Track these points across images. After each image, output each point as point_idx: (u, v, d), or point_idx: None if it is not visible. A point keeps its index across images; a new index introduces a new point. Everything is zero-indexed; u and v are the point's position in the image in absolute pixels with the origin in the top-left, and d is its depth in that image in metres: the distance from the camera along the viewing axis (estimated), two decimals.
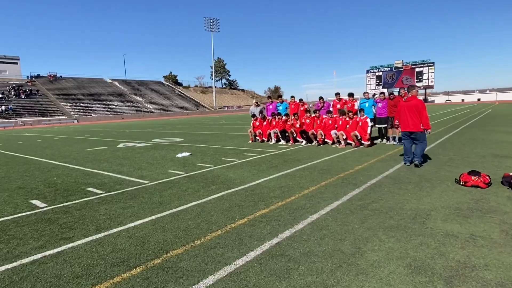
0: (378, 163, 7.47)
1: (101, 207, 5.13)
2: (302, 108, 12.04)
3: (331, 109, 11.51)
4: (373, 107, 10.90)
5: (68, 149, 12.86)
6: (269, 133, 11.95)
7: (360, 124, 10.04)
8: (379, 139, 10.95)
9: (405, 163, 6.94)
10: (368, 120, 9.90)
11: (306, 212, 4.45)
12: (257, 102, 13.24)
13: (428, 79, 67.84)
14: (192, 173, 7.20)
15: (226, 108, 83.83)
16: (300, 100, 12.18)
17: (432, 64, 67.84)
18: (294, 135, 11.47)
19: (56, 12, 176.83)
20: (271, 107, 12.74)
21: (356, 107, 10.95)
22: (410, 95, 7.00)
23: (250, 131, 12.52)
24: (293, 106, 12.23)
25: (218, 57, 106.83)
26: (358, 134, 9.94)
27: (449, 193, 5.04)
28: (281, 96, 12.63)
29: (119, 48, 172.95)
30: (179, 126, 27.07)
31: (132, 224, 4.32)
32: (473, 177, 5.20)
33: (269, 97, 13.24)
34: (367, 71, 76.55)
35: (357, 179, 6.08)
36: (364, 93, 11.14)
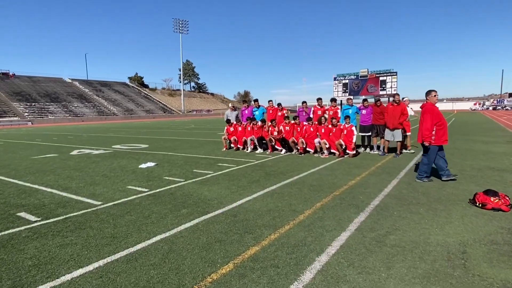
0: (371, 177, 6.70)
1: (30, 244, 3.74)
2: (280, 114, 11.10)
3: (311, 115, 10.70)
4: (356, 114, 10.24)
5: (9, 157, 10.91)
6: (245, 140, 10.94)
7: (345, 133, 9.30)
8: (362, 148, 10.30)
9: (442, 179, 6.09)
10: (354, 128, 9.18)
11: (310, 251, 3.40)
12: (233, 106, 12.20)
13: (391, 87, 70.27)
14: (157, 190, 5.97)
15: (195, 112, 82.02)
16: (279, 104, 11.28)
17: (395, 74, 70.15)
18: (273, 143, 10.54)
19: (14, 6, 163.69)
20: (246, 112, 11.70)
21: (339, 115, 10.22)
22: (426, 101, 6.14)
23: (224, 138, 11.48)
24: (271, 111, 11.28)
25: (187, 59, 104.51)
26: (343, 143, 9.20)
27: (470, 218, 4.25)
28: (257, 100, 11.63)
29: (80, 46, 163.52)
30: (144, 130, 25.43)
31: (69, 277, 3.01)
32: (492, 198, 4.46)
33: (244, 101, 12.17)
34: (334, 79, 77.89)
35: (356, 198, 5.18)
36: (348, 99, 10.45)
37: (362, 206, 4.79)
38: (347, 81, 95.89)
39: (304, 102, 11.00)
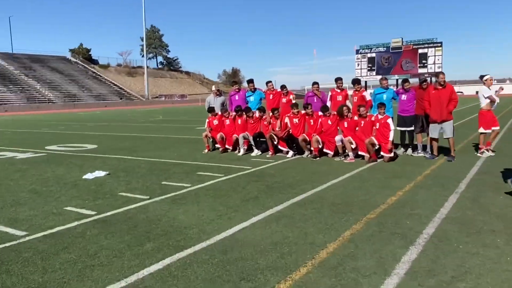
0: (419, 191, 6.48)
1: None
2: (285, 100, 10.86)
3: (328, 103, 10.48)
4: (393, 100, 10.05)
5: None
6: (236, 139, 10.69)
7: (378, 127, 9.08)
8: (402, 149, 10.11)
9: None
10: (391, 121, 8.95)
11: None
12: (218, 90, 11.93)
13: (434, 63, 70.79)
14: (109, 213, 5.69)
15: (163, 98, 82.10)
16: (283, 87, 10.99)
17: (439, 45, 70.97)
18: (275, 142, 10.31)
19: None
20: (237, 97, 11.45)
21: (368, 98, 10.05)
22: None
23: (206, 135, 11.25)
24: (271, 97, 11.02)
25: (152, 24, 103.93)
26: (375, 141, 8.99)
27: None
28: (252, 82, 11.34)
29: (1, 6, 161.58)
30: (92, 125, 25.12)
31: None
32: None
33: (234, 83, 11.89)
34: (357, 52, 78.36)
35: (400, 224, 4.92)
36: (382, 79, 10.23)
37: (411, 236, 4.52)
38: (373, 54, 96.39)
39: (315, 83, 10.75)
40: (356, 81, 10.35)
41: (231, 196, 6.45)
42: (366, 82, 70.51)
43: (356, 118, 9.48)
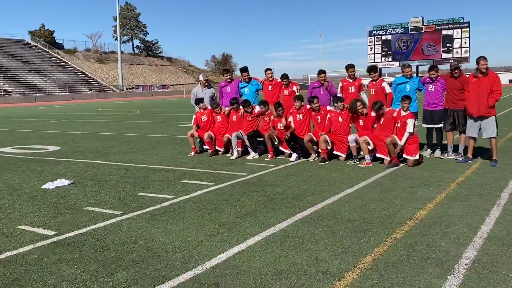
0: (452, 204, 6.32)
1: None
2: (287, 92, 10.68)
3: (339, 94, 10.30)
4: (416, 91, 9.91)
5: None
6: (229, 139, 10.57)
7: (400, 125, 8.91)
8: (428, 150, 9.96)
9: None
10: (411, 122, 8.76)
11: None
12: (206, 81, 11.68)
13: (461, 47, 71.06)
14: (73, 233, 5.48)
15: (141, 89, 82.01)
16: (284, 77, 10.78)
17: (466, 25, 71.23)
18: (276, 143, 10.12)
19: None
20: (229, 89, 11.27)
21: (388, 90, 9.85)
22: None
23: (192, 134, 11.06)
24: (270, 89, 10.83)
25: (127, 2, 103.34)
26: (398, 141, 8.83)
27: None
28: (246, 70, 11.11)
29: None
30: (55, 121, 24.89)
31: None
32: None
33: (225, 71, 11.68)
34: (370, 33, 78.59)
35: (434, 246, 4.73)
36: (404, 67, 10.04)
37: (448, 262, 4.32)
38: (389, 36, 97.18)
39: (322, 72, 10.55)
40: (372, 69, 10.17)
41: (223, 210, 6.24)
42: (381, 69, 70.58)
43: (373, 114, 9.28)
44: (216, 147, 10.94)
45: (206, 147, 11.12)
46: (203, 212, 6.20)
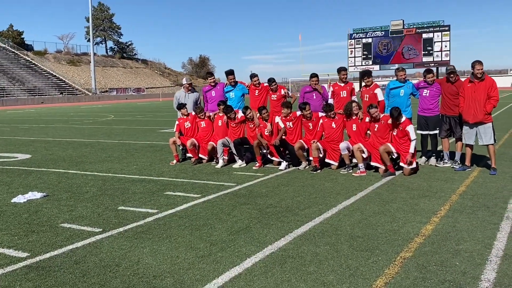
0: (459, 217, 6.12)
1: None
2: (275, 97, 10.39)
3: (330, 100, 10.07)
4: (410, 97, 9.72)
5: None
6: (213, 147, 10.27)
7: (395, 133, 8.69)
8: (423, 158, 9.80)
9: None
10: (411, 129, 8.54)
11: None
12: (190, 84, 11.34)
13: (441, 51, 72.00)
14: (47, 254, 5.05)
15: (115, 92, 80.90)
16: (271, 81, 10.46)
17: (447, 28, 72.22)
18: (264, 151, 9.92)
19: None
20: (213, 93, 10.93)
21: (380, 98, 9.63)
22: None
23: (175, 141, 10.66)
24: (257, 93, 10.54)
25: (100, 2, 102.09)
26: (393, 149, 8.60)
27: None
28: (232, 73, 10.76)
29: None
30: (25, 127, 24.14)
31: None
32: None
33: (208, 75, 11.30)
34: (350, 36, 79.05)
35: (448, 265, 4.48)
36: (398, 71, 9.83)
37: (468, 285, 4.03)
38: (369, 40, 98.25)
39: (314, 75, 10.27)
40: (366, 74, 9.95)
41: (213, 226, 5.88)
42: (361, 73, 71.23)
43: (367, 119, 9.04)
44: (200, 155, 10.58)
45: (189, 155, 10.73)
46: (191, 228, 5.82)
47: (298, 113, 9.68)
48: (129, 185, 8.46)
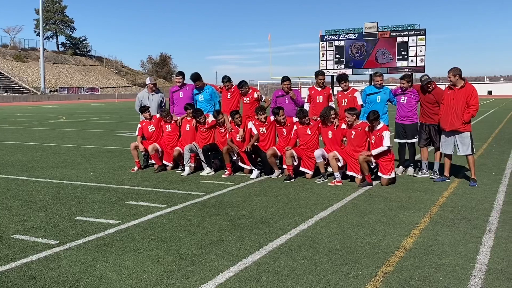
0: (439, 228, 6.28)
1: None
2: (247, 100, 10.42)
3: (306, 105, 10.20)
4: (387, 103, 9.93)
5: None
6: (180, 153, 10.24)
7: (373, 141, 8.86)
8: (401, 168, 9.99)
9: None
10: (387, 134, 8.72)
11: None
12: (154, 85, 11.22)
13: (416, 56, 73.72)
14: (0, 268, 4.90)
15: (66, 91, 79.28)
16: (242, 84, 10.44)
17: (422, 33, 74.02)
18: (235, 158, 9.95)
19: None
20: (181, 94, 10.88)
21: (360, 102, 9.79)
22: None
23: (136, 146, 10.58)
24: (229, 96, 10.53)
25: None
26: (371, 158, 8.75)
27: None
28: (199, 79, 10.63)
29: None
30: None
31: None
32: None
33: (179, 74, 11.19)
34: (322, 38, 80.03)
35: (432, 280, 4.61)
36: (375, 76, 10.02)
37: None
38: (342, 42, 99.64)
39: (285, 79, 10.33)
40: (343, 78, 10.07)
41: (182, 239, 5.85)
42: (332, 77, 72.07)
43: (344, 126, 9.18)
44: (164, 162, 10.47)
45: (152, 161, 10.61)
46: (157, 241, 5.77)
47: (272, 118, 9.74)
48: (87, 194, 8.32)
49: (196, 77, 10.66)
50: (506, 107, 41.03)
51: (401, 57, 75.30)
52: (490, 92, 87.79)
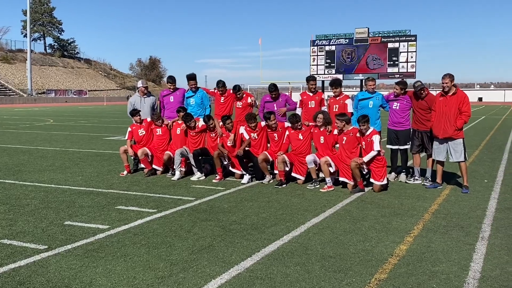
0: (432, 235, 6.30)
1: None
2: (240, 105, 10.44)
3: (298, 110, 10.23)
4: (380, 109, 9.96)
5: None
6: (169, 157, 10.20)
7: (364, 146, 8.90)
8: (393, 174, 10.02)
9: None
10: (376, 138, 8.74)
11: None
12: (146, 88, 11.22)
13: (407, 62, 74.21)
14: None
15: (53, 94, 78.81)
16: (236, 88, 10.44)
17: (413, 39, 74.60)
18: (226, 162, 9.96)
19: None
20: (172, 98, 10.86)
21: (350, 109, 9.83)
22: None
23: (126, 150, 10.52)
24: (222, 100, 10.52)
25: None
26: (364, 165, 8.76)
27: None
28: (193, 79, 10.65)
29: None
30: None
31: None
32: None
33: (170, 79, 11.18)
34: (313, 43, 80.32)
35: None
36: (367, 82, 10.03)
37: None
38: (333, 47, 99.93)
39: (272, 85, 10.35)
40: (335, 83, 10.06)
41: (173, 245, 5.81)
42: (323, 82, 72.34)
43: (336, 132, 9.19)
44: (154, 166, 10.42)
45: (142, 165, 10.55)
46: (148, 247, 5.73)
47: (263, 123, 9.73)
48: (75, 198, 8.26)
49: (192, 76, 10.72)
50: (497, 114, 41.38)
51: (392, 63, 75.78)
52: (480, 99, 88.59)
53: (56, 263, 5.15)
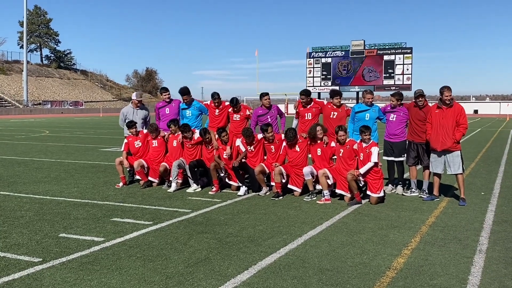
0: (430, 248, 6.28)
1: None
2: (238, 118, 10.41)
3: (295, 122, 10.23)
4: (377, 121, 9.98)
5: None
6: (165, 168, 10.19)
7: (361, 158, 8.88)
8: (390, 186, 10.01)
9: None
10: (375, 150, 8.75)
11: None
12: (140, 102, 11.23)
13: (403, 74, 74.59)
14: None
15: (49, 105, 78.77)
16: (234, 102, 10.42)
17: (409, 51, 75.03)
18: (222, 174, 9.92)
19: None
20: (168, 110, 10.84)
21: (347, 122, 9.87)
22: None
23: (121, 162, 10.50)
24: (217, 113, 10.51)
25: (36, 5, 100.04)
26: (360, 177, 8.77)
27: None
28: (187, 93, 10.60)
29: None
30: None
31: None
32: None
33: (164, 90, 11.19)
34: (309, 55, 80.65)
35: None
36: (365, 94, 10.04)
37: None
38: (329, 59, 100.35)
39: (264, 94, 10.40)
40: (338, 93, 10.07)
41: (168, 257, 5.78)
42: (319, 94, 72.50)
43: (333, 144, 9.19)
44: (150, 178, 10.38)
45: (138, 177, 10.51)
46: (143, 259, 5.68)
47: (260, 136, 9.72)
48: (71, 210, 8.21)
49: (185, 91, 10.63)
50: (493, 126, 41.48)
51: (388, 75, 76.17)
52: (476, 111, 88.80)
53: (50, 276, 5.11)
